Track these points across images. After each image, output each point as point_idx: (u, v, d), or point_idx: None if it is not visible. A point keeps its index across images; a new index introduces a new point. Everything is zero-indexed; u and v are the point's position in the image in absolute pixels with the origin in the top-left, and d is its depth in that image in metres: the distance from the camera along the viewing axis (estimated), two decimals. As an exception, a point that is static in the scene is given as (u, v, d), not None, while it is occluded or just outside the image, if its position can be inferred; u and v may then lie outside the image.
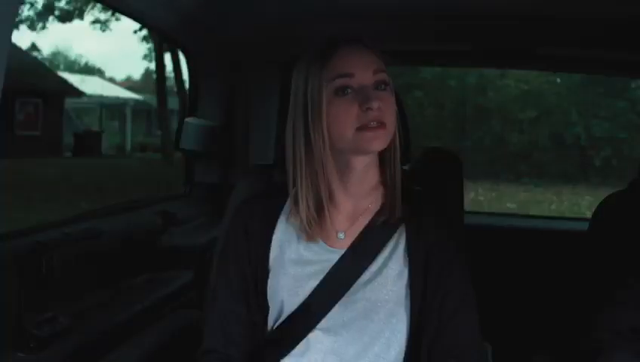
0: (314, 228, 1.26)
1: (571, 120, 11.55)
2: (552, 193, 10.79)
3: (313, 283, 1.26)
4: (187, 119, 2.27)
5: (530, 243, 2.71)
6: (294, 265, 1.28)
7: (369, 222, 1.29)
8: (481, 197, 10.20)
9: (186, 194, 2.39)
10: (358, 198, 1.30)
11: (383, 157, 1.29)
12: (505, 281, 2.65)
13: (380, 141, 1.21)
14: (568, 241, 1.93)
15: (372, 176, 1.30)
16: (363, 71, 1.22)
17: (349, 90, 1.21)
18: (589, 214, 1.61)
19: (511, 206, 9.99)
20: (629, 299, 1.26)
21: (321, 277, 1.26)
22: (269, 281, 1.29)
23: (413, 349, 1.26)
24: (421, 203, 1.33)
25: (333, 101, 1.21)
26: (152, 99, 18.59)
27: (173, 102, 16.52)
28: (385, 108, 1.21)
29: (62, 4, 15.58)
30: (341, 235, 1.29)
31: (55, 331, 1.43)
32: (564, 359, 1.31)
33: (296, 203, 1.27)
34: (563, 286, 1.45)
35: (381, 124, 1.20)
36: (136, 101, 20.57)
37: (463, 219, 1.69)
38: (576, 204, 10.19)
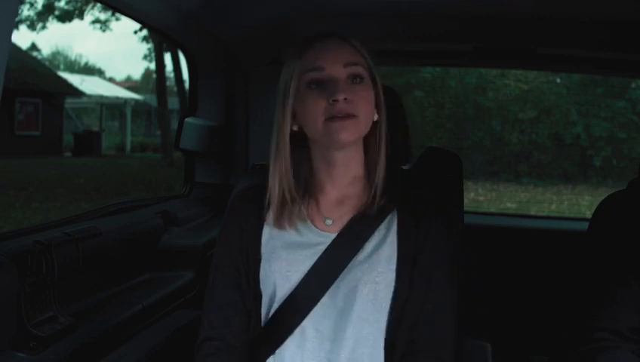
0: (283, 217, 1.30)
1: (571, 120, 11.54)
2: (552, 193, 10.79)
3: (305, 267, 1.28)
4: (187, 119, 2.27)
5: (530, 243, 2.72)
6: (286, 250, 1.29)
7: (356, 210, 1.31)
8: (481, 197, 10.20)
9: (186, 194, 2.39)
10: (343, 187, 1.32)
11: (367, 149, 1.32)
12: (504, 281, 2.65)
13: (348, 132, 1.23)
14: (568, 241, 1.93)
15: (355, 167, 1.32)
16: (333, 64, 1.25)
17: (320, 83, 1.24)
18: (589, 214, 1.61)
19: (511, 206, 9.99)
20: (628, 299, 1.26)
21: (313, 260, 1.28)
22: (262, 267, 1.31)
23: (394, 336, 1.27)
24: (418, 203, 1.33)
25: (305, 94, 1.25)
26: (152, 99, 18.59)
27: (173, 103, 16.52)
28: (356, 100, 1.24)
29: (62, 4, 15.58)
30: (329, 221, 1.31)
31: (55, 331, 1.43)
32: (563, 359, 1.31)
33: (269, 193, 1.31)
34: (562, 286, 1.45)
35: (350, 116, 1.23)
36: (136, 101, 20.57)
37: (463, 219, 1.69)
38: (576, 204, 10.19)
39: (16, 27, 13.29)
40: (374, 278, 1.26)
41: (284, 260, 1.29)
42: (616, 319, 1.25)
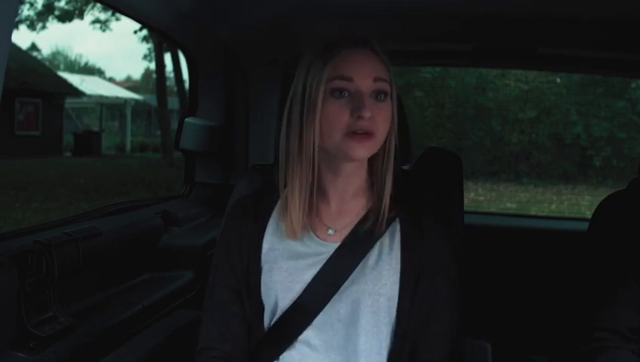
0: (302, 227, 1.27)
1: (571, 120, 11.54)
2: (552, 193, 10.79)
3: (308, 277, 1.26)
4: (187, 119, 2.27)
5: (530, 243, 2.72)
6: (287, 260, 1.28)
7: (359, 221, 1.30)
8: (481, 197, 10.21)
9: (186, 194, 2.39)
10: (347, 197, 1.31)
11: (373, 163, 1.30)
12: (504, 281, 2.65)
13: (364, 150, 1.22)
14: (568, 241, 1.93)
15: (359, 179, 1.30)
16: (363, 77, 1.21)
17: (346, 94, 1.21)
18: (589, 214, 1.61)
19: (511, 206, 10.00)
20: (628, 299, 1.26)
21: (316, 269, 1.27)
22: (263, 278, 1.29)
23: (396, 348, 1.27)
24: (418, 203, 1.33)
25: (328, 101, 1.21)
26: (152, 99, 18.59)
27: (173, 103, 16.52)
28: (378, 118, 1.21)
29: (62, 4, 15.58)
30: (331, 231, 1.30)
31: (55, 331, 1.43)
32: (563, 359, 1.31)
33: (286, 201, 1.28)
34: (562, 286, 1.45)
35: (369, 134, 1.20)
36: (136, 101, 20.57)
37: (463, 219, 1.69)
38: (576, 204, 10.20)
39: (16, 27, 13.29)
40: (378, 290, 1.25)
41: (285, 271, 1.28)
42: (616, 319, 1.25)
